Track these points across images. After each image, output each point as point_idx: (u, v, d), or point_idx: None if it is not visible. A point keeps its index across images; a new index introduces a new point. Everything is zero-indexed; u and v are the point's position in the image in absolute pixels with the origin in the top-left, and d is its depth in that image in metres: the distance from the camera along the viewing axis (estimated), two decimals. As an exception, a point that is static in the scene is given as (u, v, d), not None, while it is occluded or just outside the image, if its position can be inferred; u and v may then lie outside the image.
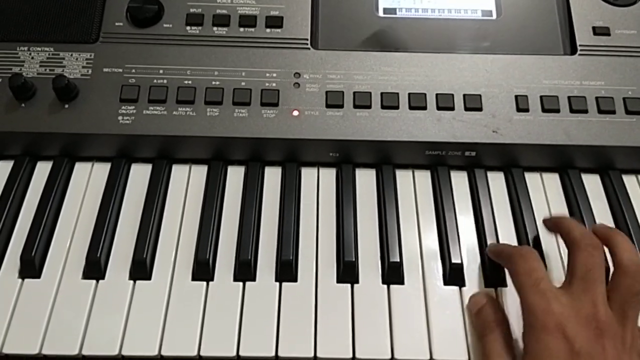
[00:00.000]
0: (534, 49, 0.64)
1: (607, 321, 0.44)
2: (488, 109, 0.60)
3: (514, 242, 0.56)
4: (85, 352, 0.49)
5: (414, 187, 0.60)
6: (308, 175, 0.61)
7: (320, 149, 0.60)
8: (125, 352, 0.49)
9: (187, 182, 0.60)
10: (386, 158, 0.61)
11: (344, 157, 0.61)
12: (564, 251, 0.51)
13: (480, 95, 0.61)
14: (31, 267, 0.53)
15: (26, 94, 0.59)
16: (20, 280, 0.53)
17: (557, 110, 0.60)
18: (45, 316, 0.51)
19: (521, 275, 0.47)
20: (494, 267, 0.54)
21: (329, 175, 0.61)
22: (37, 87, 0.60)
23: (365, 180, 0.60)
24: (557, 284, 0.48)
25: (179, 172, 0.60)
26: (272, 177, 0.61)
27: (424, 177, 0.61)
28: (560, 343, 0.43)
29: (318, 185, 0.60)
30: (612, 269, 0.48)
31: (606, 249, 0.49)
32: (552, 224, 0.54)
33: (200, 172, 0.60)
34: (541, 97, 0.61)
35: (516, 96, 0.61)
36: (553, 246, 0.56)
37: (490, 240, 0.55)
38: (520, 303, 0.47)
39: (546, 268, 0.53)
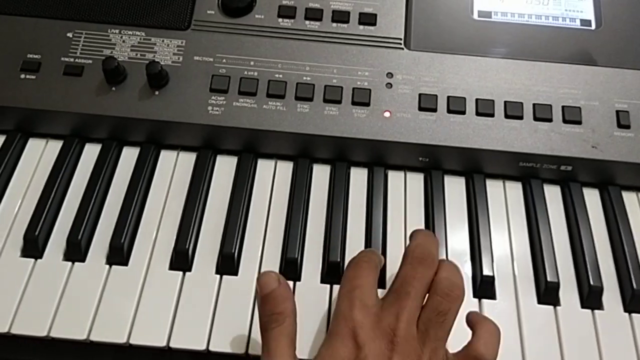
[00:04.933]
0: (635, 63, 0.62)
1: (404, 336, 0.41)
2: (588, 122, 0.58)
3: (611, 265, 0.54)
4: (172, 345, 0.49)
5: (505, 198, 0.58)
6: (395, 179, 0.59)
7: (410, 152, 0.58)
8: (212, 348, 0.49)
9: (272, 177, 0.59)
10: (477, 167, 0.59)
11: (434, 162, 0.59)
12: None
13: (579, 108, 0.59)
14: (120, 254, 0.52)
15: (118, 78, 0.58)
16: (107, 266, 0.52)
17: (660, 129, 0.58)
18: (132, 305, 0.50)
19: (345, 280, 0.46)
20: (591, 288, 0.52)
21: (416, 181, 0.59)
22: (127, 72, 0.59)
23: (454, 188, 0.59)
24: None
25: (264, 167, 0.59)
26: (359, 178, 0.59)
27: (515, 189, 0.59)
28: (346, 349, 0.41)
29: (405, 190, 0.59)
30: None
31: None
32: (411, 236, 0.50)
33: (285, 168, 0.59)
34: (643, 114, 0.59)
35: (617, 111, 0.59)
36: (652, 270, 0.54)
37: (588, 258, 0.53)
38: None
39: None
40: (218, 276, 0.52)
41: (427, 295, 0.45)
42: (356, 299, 0.44)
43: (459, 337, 0.45)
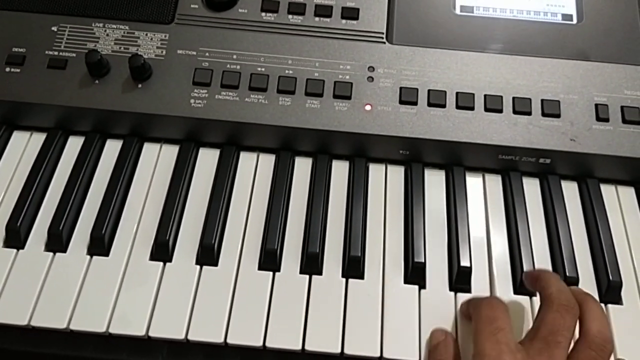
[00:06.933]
0: (615, 57, 0.62)
1: None
2: (566, 116, 0.59)
3: (588, 257, 0.55)
4: (152, 334, 0.49)
5: (484, 191, 0.59)
6: (375, 171, 0.60)
7: (390, 145, 0.59)
8: (191, 337, 0.49)
9: (254, 170, 0.59)
10: (457, 159, 0.59)
11: (414, 155, 0.60)
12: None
13: (558, 102, 0.59)
14: (100, 244, 0.53)
15: (101, 71, 0.59)
16: (88, 257, 0.53)
17: (638, 122, 0.58)
18: (113, 295, 0.50)
19: (482, 321, 0.45)
20: (567, 279, 0.52)
21: (396, 173, 0.60)
22: (111, 65, 0.59)
23: (434, 180, 0.59)
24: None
25: (246, 160, 0.60)
26: (340, 170, 0.60)
27: (494, 182, 0.59)
28: None
29: (386, 182, 0.59)
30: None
31: None
32: (532, 278, 0.49)
33: (268, 161, 0.60)
34: (622, 107, 0.59)
35: (596, 105, 0.59)
36: (628, 264, 0.55)
37: (565, 250, 0.54)
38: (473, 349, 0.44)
39: (621, 285, 0.52)
40: (198, 267, 0.53)
41: (576, 343, 0.44)
42: (502, 343, 0.43)
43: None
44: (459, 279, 0.52)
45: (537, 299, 0.52)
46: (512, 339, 0.44)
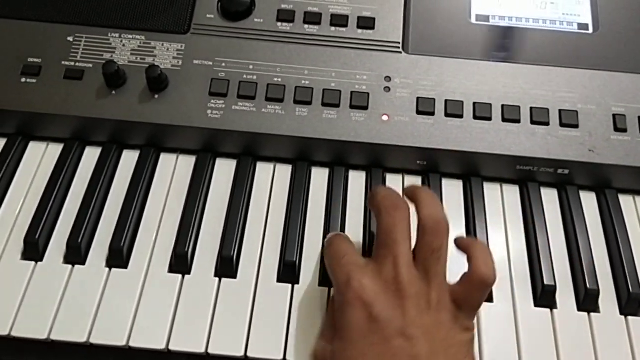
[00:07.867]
0: (631, 67, 0.62)
1: (408, 281, 0.42)
2: (585, 126, 0.58)
3: (608, 269, 0.55)
4: (172, 348, 0.49)
5: (502, 201, 0.59)
6: (393, 182, 0.60)
7: (408, 156, 0.59)
8: (211, 351, 0.49)
9: (271, 180, 0.59)
10: (475, 170, 0.59)
11: (432, 166, 0.59)
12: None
13: (576, 112, 0.59)
14: (119, 256, 0.52)
15: (118, 82, 0.58)
16: (107, 269, 0.53)
17: (656, 133, 0.58)
18: (132, 308, 0.50)
19: (329, 257, 0.48)
20: (588, 291, 0.52)
21: (414, 184, 0.59)
22: (127, 76, 0.59)
23: (452, 191, 0.59)
24: None
25: (263, 170, 0.60)
26: (357, 181, 0.60)
27: (512, 192, 0.59)
28: (359, 312, 0.42)
29: (403, 193, 0.59)
30: None
31: None
32: (369, 198, 0.50)
33: (284, 172, 0.60)
34: (639, 117, 0.59)
35: (614, 115, 0.59)
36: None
37: (585, 262, 0.53)
38: None
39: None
40: (217, 279, 0.52)
41: (417, 234, 0.45)
42: (349, 265, 0.45)
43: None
44: (479, 291, 0.52)
45: (557, 311, 0.52)
46: (358, 259, 0.46)
